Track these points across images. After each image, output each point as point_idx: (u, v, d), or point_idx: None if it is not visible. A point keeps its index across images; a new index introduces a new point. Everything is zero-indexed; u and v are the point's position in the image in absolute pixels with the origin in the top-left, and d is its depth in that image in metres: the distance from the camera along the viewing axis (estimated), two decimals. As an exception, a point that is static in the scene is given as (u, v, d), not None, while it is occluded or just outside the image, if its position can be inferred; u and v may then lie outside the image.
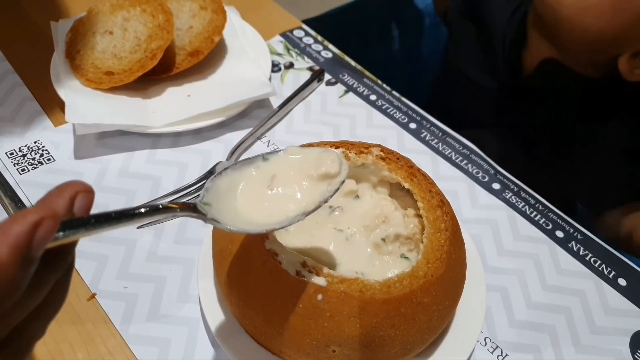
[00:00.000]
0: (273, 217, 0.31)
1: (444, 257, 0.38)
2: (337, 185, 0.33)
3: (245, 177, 0.33)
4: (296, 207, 0.32)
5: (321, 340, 0.36)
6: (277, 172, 0.33)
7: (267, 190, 0.32)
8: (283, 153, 0.35)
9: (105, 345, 0.42)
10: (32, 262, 0.20)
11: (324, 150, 0.35)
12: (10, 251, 0.19)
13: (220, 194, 0.31)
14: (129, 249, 0.47)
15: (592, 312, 0.47)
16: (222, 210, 0.31)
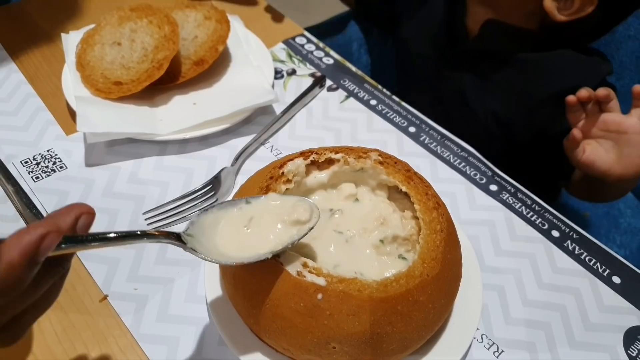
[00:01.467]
0: (245, 252, 0.36)
1: (439, 257, 0.40)
2: (306, 230, 0.37)
3: (227, 215, 0.38)
4: (266, 247, 0.36)
5: (322, 337, 0.37)
6: (255, 214, 0.38)
7: (244, 229, 0.37)
8: (265, 198, 0.39)
9: (117, 344, 0.44)
10: (36, 265, 0.26)
11: (300, 199, 0.39)
12: (20, 255, 0.25)
13: (203, 228, 0.36)
14: (139, 253, 0.49)
15: (586, 309, 0.49)
16: (203, 242, 0.35)
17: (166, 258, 0.49)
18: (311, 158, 0.46)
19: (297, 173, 0.45)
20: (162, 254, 0.49)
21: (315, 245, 0.43)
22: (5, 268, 0.24)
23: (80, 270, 0.48)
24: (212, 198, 0.54)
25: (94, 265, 0.48)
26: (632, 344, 0.46)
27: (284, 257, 0.38)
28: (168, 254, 0.50)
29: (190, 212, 0.52)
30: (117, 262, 0.48)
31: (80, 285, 0.47)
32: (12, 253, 0.25)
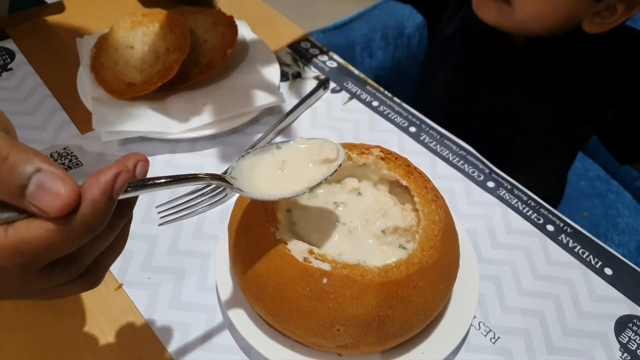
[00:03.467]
0: (283, 190, 0.39)
1: (437, 246, 0.42)
2: (335, 167, 0.41)
3: (262, 160, 0.41)
4: (302, 184, 0.40)
5: (327, 320, 0.40)
6: (287, 157, 0.41)
7: (279, 171, 0.40)
8: (293, 142, 0.42)
9: (133, 330, 0.46)
10: (113, 202, 0.28)
11: (325, 140, 0.42)
12: (100, 192, 0.27)
13: (242, 172, 0.39)
14: (152, 244, 0.52)
15: (579, 298, 0.51)
16: (244, 184, 0.38)
17: (178, 249, 0.52)
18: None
19: (303, 167, 0.47)
20: (173, 246, 0.52)
21: (320, 235, 0.46)
22: (90, 204, 0.27)
23: (97, 261, 0.50)
24: (221, 193, 0.56)
25: (109, 256, 0.50)
26: (623, 331, 0.49)
27: (291, 244, 0.41)
28: (179, 245, 0.52)
29: (201, 207, 0.55)
30: (131, 253, 0.51)
31: (96, 275, 0.49)
32: (94, 191, 0.27)
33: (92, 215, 0.27)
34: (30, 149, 0.27)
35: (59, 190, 0.26)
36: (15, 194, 0.26)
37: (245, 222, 0.44)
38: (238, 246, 0.44)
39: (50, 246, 0.27)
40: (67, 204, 0.26)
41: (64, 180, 0.26)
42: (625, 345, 0.48)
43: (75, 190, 0.26)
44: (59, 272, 0.29)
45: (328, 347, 0.42)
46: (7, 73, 0.68)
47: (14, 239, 0.26)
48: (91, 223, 0.27)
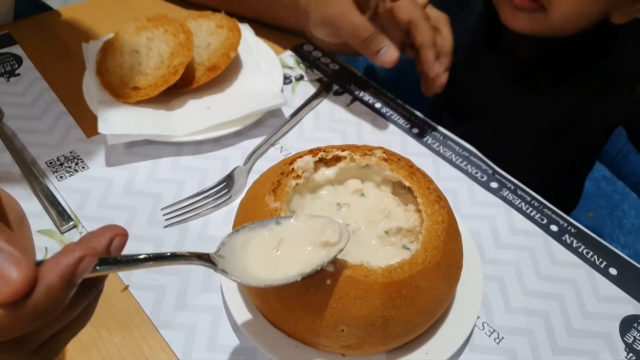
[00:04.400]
0: (274, 275, 0.36)
1: (440, 246, 0.43)
2: (336, 252, 0.38)
3: (258, 237, 0.38)
4: (296, 269, 0.37)
5: (331, 320, 0.40)
6: (285, 236, 0.38)
7: (274, 251, 0.37)
8: (294, 220, 0.39)
9: (139, 330, 0.47)
10: (74, 287, 0.27)
11: (329, 220, 0.40)
12: (58, 277, 0.25)
13: (234, 249, 0.36)
14: (157, 246, 0.52)
15: (584, 298, 0.51)
16: (233, 263, 0.35)
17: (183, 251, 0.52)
18: (319, 155, 0.49)
19: (306, 169, 0.48)
20: (179, 248, 0.52)
21: (324, 236, 0.46)
22: (45, 290, 0.25)
23: (103, 263, 0.51)
24: (225, 195, 0.57)
25: (115, 258, 0.51)
26: (628, 332, 0.49)
27: (295, 245, 0.41)
28: (185, 247, 0.52)
29: (205, 209, 0.55)
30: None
31: (103, 277, 0.50)
32: (51, 276, 0.25)
33: (44, 302, 0.25)
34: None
35: (10, 275, 0.25)
36: None
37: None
38: (242, 247, 0.44)
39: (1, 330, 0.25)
40: (16, 292, 0.25)
41: (19, 265, 0.25)
42: (631, 345, 0.48)
43: (29, 276, 0.25)
44: (8, 350, 0.28)
45: (332, 347, 0.42)
46: (14, 78, 0.69)
47: None
48: (43, 309, 0.26)
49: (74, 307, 0.29)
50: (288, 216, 0.40)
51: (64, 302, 0.27)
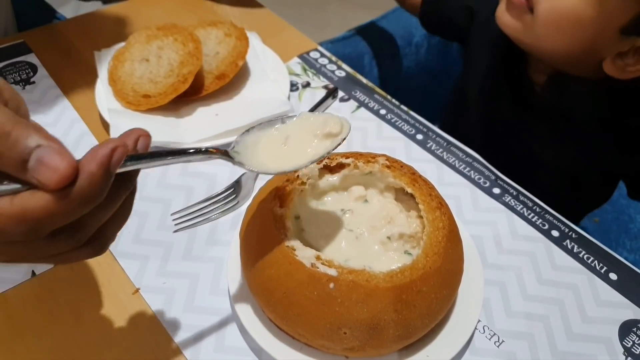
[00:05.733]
0: (286, 165, 0.39)
1: (441, 252, 0.44)
2: (339, 141, 0.41)
3: (266, 135, 0.41)
4: (304, 159, 0.40)
5: (334, 323, 0.41)
6: (291, 132, 0.41)
7: (282, 146, 0.40)
8: (297, 118, 0.42)
9: (149, 332, 0.48)
10: (111, 175, 0.30)
11: (330, 115, 0.42)
12: (97, 166, 0.29)
13: (247, 146, 0.39)
14: (167, 250, 0.54)
15: (584, 303, 0.52)
16: (247, 158, 0.39)
17: (192, 255, 0.54)
18: (324, 162, 0.50)
19: (311, 176, 0.49)
20: (188, 252, 0.54)
21: (328, 241, 0.47)
22: (87, 177, 0.28)
23: (115, 266, 0.53)
24: (233, 201, 0.58)
25: (126, 262, 0.53)
26: (627, 336, 0.49)
27: (299, 250, 0.42)
28: (194, 251, 0.54)
29: (214, 214, 0.57)
30: (147, 259, 0.53)
31: (114, 280, 0.52)
32: (91, 165, 0.29)
33: (88, 187, 0.29)
34: (32, 125, 0.29)
35: (56, 164, 0.27)
36: (18, 167, 0.28)
37: (256, 229, 0.46)
38: (249, 252, 0.46)
39: (51, 215, 0.29)
40: (64, 177, 0.28)
41: (62, 155, 0.28)
42: (629, 349, 0.48)
43: (73, 165, 0.28)
44: (64, 239, 0.31)
45: (335, 349, 0.44)
46: (30, 86, 0.71)
47: (18, 208, 0.28)
48: (88, 195, 0.29)
49: (115, 199, 0.32)
50: (292, 115, 0.42)
51: (104, 190, 0.30)
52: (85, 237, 0.32)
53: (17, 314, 0.49)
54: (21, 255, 0.32)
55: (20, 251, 0.31)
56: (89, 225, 0.32)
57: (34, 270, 0.52)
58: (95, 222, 0.32)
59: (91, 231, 0.32)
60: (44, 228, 0.29)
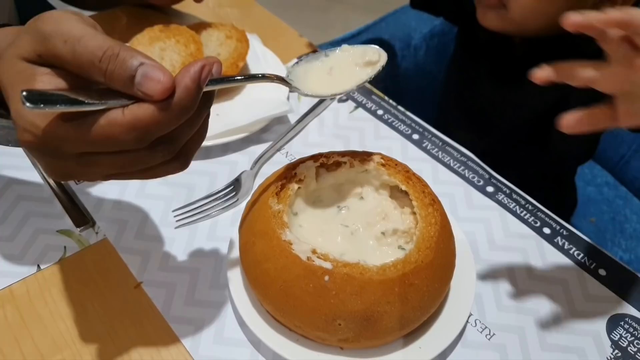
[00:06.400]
0: (335, 89, 0.44)
1: (433, 246, 0.45)
2: (379, 68, 0.45)
3: (313, 67, 0.45)
4: (350, 84, 0.45)
5: (329, 314, 0.43)
6: (334, 64, 0.46)
7: (328, 76, 0.45)
8: (339, 51, 0.46)
9: (150, 323, 0.50)
10: (201, 89, 0.34)
11: (367, 46, 0.47)
12: (191, 80, 0.33)
13: (298, 76, 0.44)
14: (169, 245, 0.56)
15: (573, 298, 0.53)
16: (300, 86, 0.44)
17: (192, 251, 0.55)
18: (321, 161, 0.52)
19: (308, 174, 0.51)
20: (188, 247, 0.56)
21: (324, 237, 0.49)
22: (183, 90, 0.33)
23: (118, 261, 0.54)
24: (233, 198, 0.59)
25: (129, 257, 0.54)
26: (615, 329, 0.51)
27: (296, 244, 0.44)
28: (194, 247, 0.56)
29: (214, 210, 0.58)
30: (149, 254, 0.55)
31: (117, 274, 0.53)
32: (186, 79, 0.33)
33: (185, 98, 0.33)
34: (133, 48, 0.34)
35: (159, 77, 0.32)
36: (126, 83, 0.33)
37: (255, 224, 0.48)
38: (247, 247, 0.48)
39: (156, 123, 0.33)
40: (166, 88, 0.32)
41: (162, 70, 0.33)
42: (617, 342, 0.50)
43: (172, 78, 0.33)
44: (161, 150, 0.36)
45: (330, 340, 0.45)
46: (35, 87, 0.73)
47: (129, 117, 0.33)
48: (185, 105, 0.33)
49: (199, 115, 0.37)
50: (334, 48, 0.46)
51: (196, 102, 0.34)
52: (176, 149, 0.37)
53: (23, 306, 0.50)
54: (124, 165, 0.36)
55: (125, 162, 0.36)
56: (180, 138, 0.37)
57: (39, 265, 0.53)
58: (184, 136, 0.37)
59: (180, 145, 0.37)
60: (150, 135, 0.34)
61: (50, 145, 0.34)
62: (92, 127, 0.33)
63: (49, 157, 0.36)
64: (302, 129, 0.70)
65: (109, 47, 0.33)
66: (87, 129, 0.33)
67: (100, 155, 0.35)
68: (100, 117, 0.33)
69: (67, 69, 0.34)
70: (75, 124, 0.33)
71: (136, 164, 0.36)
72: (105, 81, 0.33)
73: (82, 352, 0.47)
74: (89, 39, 0.33)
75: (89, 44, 0.33)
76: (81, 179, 0.39)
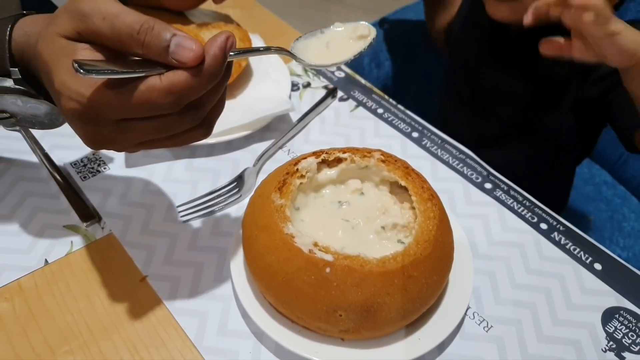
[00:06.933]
0: (334, 60, 0.47)
1: (431, 240, 0.46)
2: (370, 40, 0.48)
3: (311, 42, 0.48)
4: (346, 55, 0.47)
5: (330, 306, 0.44)
6: (330, 39, 0.49)
7: (325, 49, 0.48)
8: (332, 27, 0.49)
9: (156, 316, 0.51)
10: (226, 58, 0.38)
11: (360, 22, 0.49)
12: (219, 49, 0.37)
13: (299, 51, 0.47)
14: (173, 240, 0.57)
15: (569, 291, 0.54)
16: (302, 58, 0.47)
17: (197, 245, 0.56)
18: (322, 157, 0.53)
19: (309, 170, 0.52)
20: (193, 242, 0.57)
21: (326, 231, 0.50)
22: (212, 58, 0.37)
23: (123, 255, 0.55)
24: (236, 194, 0.61)
25: (134, 251, 0.56)
26: (610, 322, 0.52)
27: (298, 237, 0.45)
28: (198, 241, 0.57)
29: (218, 206, 0.60)
30: (155, 248, 0.56)
31: (123, 268, 0.54)
32: (213, 49, 0.37)
33: (214, 65, 0.37)
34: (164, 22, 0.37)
35: (191, 46, 0.36)
36: (162, 52, 0.36)
37: (258, 218, 0.49)
38: (250, 241, 0.49)
39: (190, 87, 0.37)
40: (198, 55, 0.36)
41: (193, 40, 0.36)
42: (611, 334, 0.51)
43: (202, 47, 0.37)
44: (190, 115, 0.39)
45: (332, 331, 0.46)
46: (41, 85, 0.74)
47: (166, 83, 0.36)
48: (214, 71, 0.37)
49: (222, 83, 0.40)
50: (329, 26, 0.49)
51: (222, 70, 0.38)
52: (202, 115, 0.40)
53: (32, 299, 0.51)
54: (157, 130, 0.39)
55: (158, 126, 0.39)
56: (205, 105, 0.40)
57: (47, 259, 0.55)
58: (209, 102, 0.40)
59: (206, 111, 0.41)
60: (184, 99, 0.38)
61: (92, 112, 0.38)
62: (133, 93, 0.36)
63: (89, 125, 0.39)
64: (304, 127, 0.72)
65: (145, 21, 0.36)
66: (128, 95, 0.36)
67: (137, 121, 0.38)
68: (140, 84, 0.36)
69: (104, 43, 0.38)
70: (117, 91, 0.36)
71: (168, 129, 0.40)
72: (142, 52, 0.37)
73: (90, 343, 0.48)
74: (125, 15, 0.36)
75: (126, 19, 0.36)
76: (116, 147, 0.41)
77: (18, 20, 0.45)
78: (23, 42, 0.44)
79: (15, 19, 0.45)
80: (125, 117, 0.38)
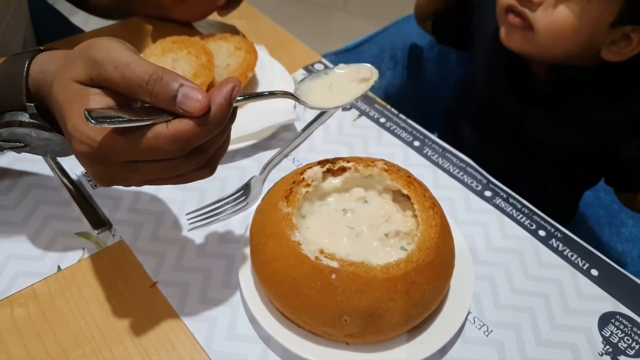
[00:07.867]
0: (336, 102, 0.51)
1: (433, 247, 0.48)
2: (372, 83, 0.51)
3: (315, 84, 0.51)
4: (348, 97, 0.51)
5: (335, 311, 0.46)
6: (333, 80, 0.52)
7: (329, 90, 0.52)
8: (336, 68, 0.52)
9: (166, 321, 0.52)
10: (232, 107, 0.40)
11: (362, 65, 0.52)
12: (224, 99, 0.39)
13: (303, 92, 0.50)
14: (182, 247, 0.59)
15: (567, 297, 0.56)
16: (305, 100, 0.50)
17: (205, 252, 0.58)
18: (327, 166, 0.55)
19: (315, 178, 0.54)
20: (201, 249, 0.58)
21: (331, 238, 0.52)
22: (217, 107, 0.39)
23: (134, 261, 0.57)
24: (243, 202, 0.62)
25: (145, 258, 0.57)
26: (606, 326, 0.53)
27: (304, 244, 0.47)
28: (207, 248, 0.59)
29: (225, 214, 0.61)
30: (164, 255, 0.57)
31: (134, 274, 0.56)
32: (219, 98, 0.39)
33: (220, 114, 0.39)
34: (173, 72, 0.39)
35: (197, 97, 0.38)
36: (169, 102, 0.38)
37: (266, 226, 0.51)
38: (259, 247, 0.50)
39: (195, 135, 0.39)
40: (204, 106, 0.38)
41: (200, 91, 0.38)
42: (608, 338, 0.53)
43: (208, 97, 0.38)
44: (195, 158, 0.41)
45: (337, 336, 0.48)
46: (52, 96, 0.76)
47: (173, 131, 0.38)
48: (219, 120, 0.39)
49: (227, 127, 0.42)
50: (333, 67, 0.52)
51: (227, 118, 0.40)
52: (207, 157, 0.42)
53: (45, 304, 0.53)
54: (163, 171, 0.42)
55: (164, 168, 0.41)
56: (211, 148, 0.42)
57: (60, 265, 0.56)
58: (214, 145, 0.42)
59: (210, 153, 0.43)
60: (189, 145, 0.39)
61: (102, 155, 0.39)
62: (141, 139, 0.38)
63: (99, 166, 0.41)
64: (308, 136, 0.74)
65: (154, 72, 0.38)
66: (136, 141, 0.38)
67: (144, 163, 0.40)
68: (148, 131, 0.38)
69: (115, 90, 0.40)
70: (126, 137, 0.38)
71: (173, 170, 0.42)
72: (151, 100, 0.39)
73: (102, 347, 0.50)
74: (136, 65, 0.38)
75: (137, 69, 0.38)
76: (124, 184, 0.43)
77: (35, 56, 0.47)
78: (40, 79, 0.46)
79: (32, 55, 0.47)
80: (132, 160, 0.40)
